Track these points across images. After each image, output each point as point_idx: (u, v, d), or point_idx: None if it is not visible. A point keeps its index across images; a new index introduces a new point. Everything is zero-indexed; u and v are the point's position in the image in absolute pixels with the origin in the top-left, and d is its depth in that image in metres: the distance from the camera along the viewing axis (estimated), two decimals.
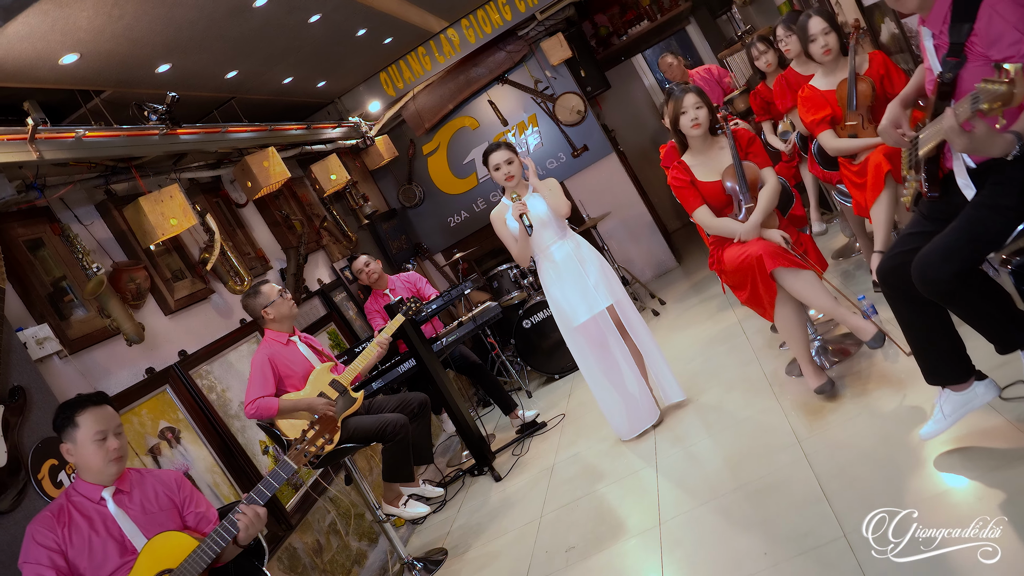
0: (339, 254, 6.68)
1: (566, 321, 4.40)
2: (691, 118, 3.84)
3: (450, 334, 5.27)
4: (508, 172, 4.33)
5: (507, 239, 4.37)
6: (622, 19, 9.25)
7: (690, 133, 3.88)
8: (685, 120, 3.86)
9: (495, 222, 4.41)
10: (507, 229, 4.36)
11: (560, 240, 4.42)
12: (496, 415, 6.43)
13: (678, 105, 3.87)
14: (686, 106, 3.86)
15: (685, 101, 3.86)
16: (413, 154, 8.03)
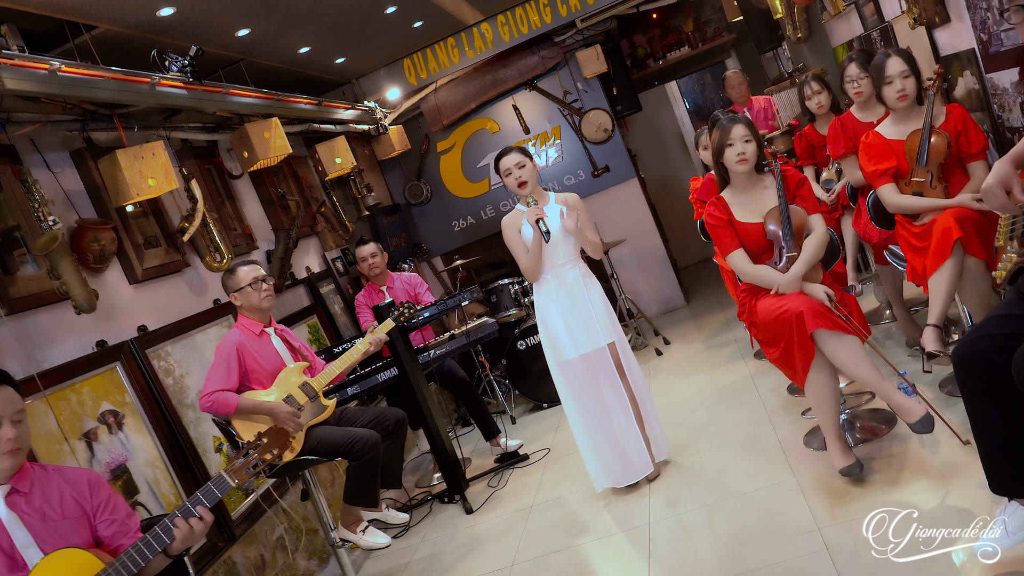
0: (333, 243, 6.26)
1: (559, 351, 3.98)
2: (738, 152, 3.44)
3: (440, 346, 4.85)
4: (520, 177, 3.92)
5: (518, 249, 3.96)
6: (662, 42, 8.89)
7: (735, 168, 3.47)
8: (731, 153, 3.46)
9: (507, 229, 3.99)
10: (519, 238, 3.95)
11: (572, 263, 4.01)
12: (475, 437, 6.00)
13: (725, 136, 3.47)
14: (734, 138, 3.46)
15: (733, 132, 3.46)
16: (426, 150, 7.62)
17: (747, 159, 3.44)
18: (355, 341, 4.63)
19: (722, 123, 3.54)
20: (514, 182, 3.91)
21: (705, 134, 5.08)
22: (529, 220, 3.82)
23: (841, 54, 5.79)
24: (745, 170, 3.46)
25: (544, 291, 4.00)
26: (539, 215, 3.80)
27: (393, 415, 3.97)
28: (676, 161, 9.63)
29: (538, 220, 3.80)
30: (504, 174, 3.93)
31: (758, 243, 3.50)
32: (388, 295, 5.44)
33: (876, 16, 4.80)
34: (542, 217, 3.81)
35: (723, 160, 3.52)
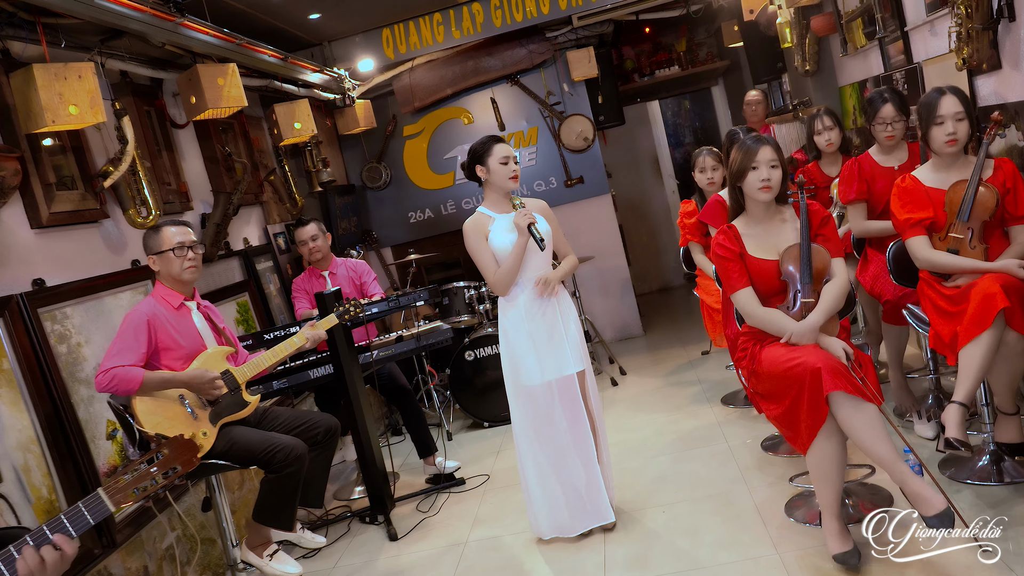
0: (278, 216, 5.65)
1: (522, 375, 3.48)
2: (762, 177, 3.01)
3: (385, 347, 4.30)
4: (516, 170, 3.44)
5: (484, 258, 3.44)
6: (651, 58, 8.52)
7: (756, 196, 3.04)
8: (754, 178, 3.02)
9: (470, 235, 3.48)
10: (484, 246, 3.44)
11: None
12: (405, 448, 5.44)
13: (749, 157, 3.04)
14: (759, 161, 3.02)
15: (760, 154, 3.03)
16: (392, 131, 7.06)
17: (771, 187, 3.02)
18: (289, 330, 4.05)
19: (746, 143, 3.10)
20: (509, 173, 3.42)
21: (704, 155, 4.67)
22: (518, 224, 3.32)
23: (848, 93, 5.47)
24: (768, 198, 3.04)
25: (514, 306, 3.49)
26: (531, 219, 3.31)
27: (325, 423, 3.41)
28: (647, 183, 9.26)
29: (530, 225, 3.30)
30: (500, 162, 3.42)
31: (770, 283, 3.07)
32: (331, 282, 4.87)
33: (904, 56, 4.45)
34: (535, 222, 3.32)
35: (742, 184, 3.08)
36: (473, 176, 3.51)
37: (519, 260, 3.36)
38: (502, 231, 3.41)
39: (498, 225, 3.44)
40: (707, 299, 4.60)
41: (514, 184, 3.43)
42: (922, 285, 3.24)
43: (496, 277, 3.42)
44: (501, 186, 3.44)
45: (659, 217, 9.29)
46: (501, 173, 3.41)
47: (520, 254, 3.35)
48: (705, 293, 4.65)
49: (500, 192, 3.47)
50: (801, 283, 3.02)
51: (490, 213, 3.49)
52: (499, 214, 3.47)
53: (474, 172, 3.49)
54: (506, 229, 3.41)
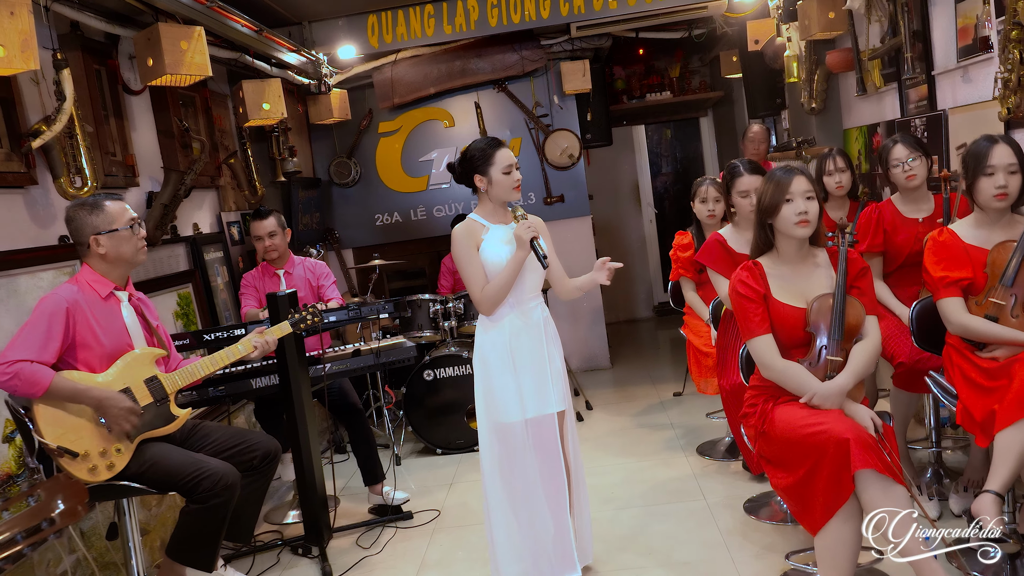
0: (234, 203, 5.16)
1: (499, 410, 3.05)
2: (799, 210, 2.66)
3: (339, 361, 3.85)
4: (519, 179, 3.03)
5: (472, 270, 3.02)
6: (643, 80, 8.21)
7: (792, 232, 2.69)
8: (789, 211, 2.67)
9: (460, 244, 3.04)
10: (475, 258, 3.01)
11: (538, 298, 3.13)
12: (348, 469, 4.97)
13: (782, 190, 2.69)
14: (794, 192, 2.67)
15: (794, 185, 2.68)
16: (367, 126, 6.61)
17: (810, 220, 2.67)
18: (234, 332, 3.58)
19: (775, 174, 2.75)
20: (512, 183, 3.00)
21: (706, 185, 4.33)
22: (520, 237, 2.90)
23: (855, 136, 5.19)
24: (805, 233, 2.69)
25: (497, 328, 3.07)
26: (535, 233, 2.90)
27: (263, 446, 2.95)
28: (625, 210, 8.94)
29: (534, 239, 2.89)
30: (503, 171, 3.00)
31: (793, 333, 2.71)
32: (285, 282, 4.40)
33: (926, 102, 4.17)
34: (538, 236, 2.91)
35: (774, 220, 2.72)
36: (465, 182, 3.09)
37: (514, 276, 2.95)
38: (496, 242, 3.00)
39: (492, 236, 3.02)
40: (695, 340, 4.23)
41: (516, 195, 3.03)
42: (950, 352, 2.91)
43: (484, 293, 2.99)
44: (503, 197, 3.03)
45: (633, 246, 8.97)
46: (504, 184, 3.00)
47: (516, 270, 2.94)
48: (693, 334, 4.29)
49: (499, 202, 3.06)
50: (830, 338, 2.66)
51: (484, 222, 3.08)
52: (494, 224, 3.06)
53: (469, 179, 3.07)
54: (501, 240, 2.99)
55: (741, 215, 3.57)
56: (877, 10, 4.31)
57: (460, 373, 5.10)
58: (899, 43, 4.20)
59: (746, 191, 3.54)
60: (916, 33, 4.14)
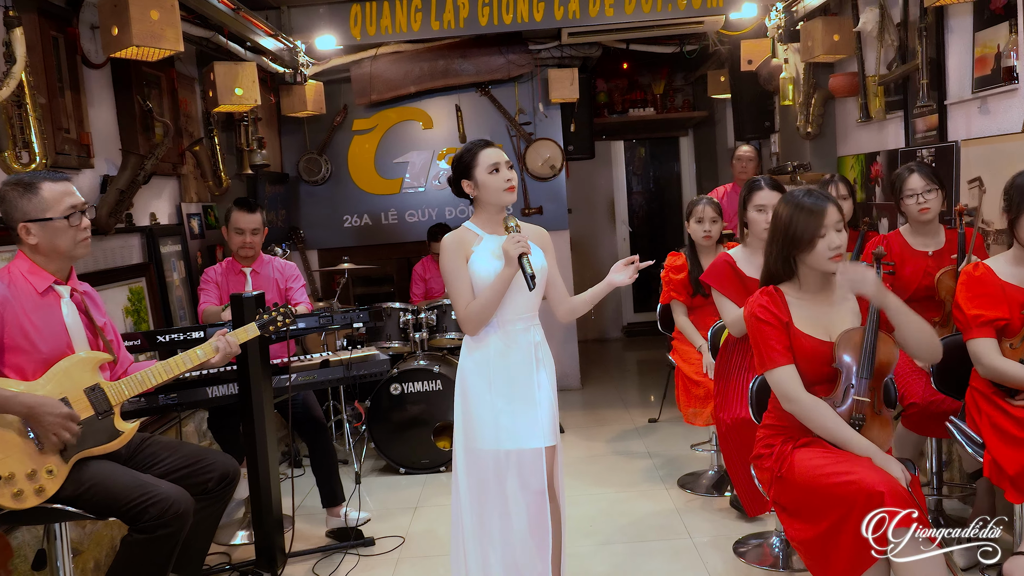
0: (195, 195, 4.80)
1: (476, 436, 2.75)
2: (833, 246, 2.44)
3: (307, 372, 3.52)
4: (510, 179, 2.74)
5: (459, 284, 2.72)
6: (625, 95, 8.02)
7: (825, 267, 2.47)
8: (824, 247, 2.44)
9: (449, 252, 2.74)
10: (464, 270, 2.72)
11: (531, 320, 2.82)
12: (304, 485, 4.63)
13: (816, 221, 2.45)
14: (828, 225, 2.46)
15: (828, 217, 2.47)
16: (341, 123, 6.29)
17: (843, 255, 2.45)
18: (191, 335, 3.24)
19: (804, 203, 2.52)
20: (501, 184, 2.70)
21: (703, 204, 4.11)
22: (507, 251, 2.60)
23: (851, 164, 5.03)
24: (833, 269, 2.46)
25: (482, 348, 2.77)
26: (525, 248, 2.61)
27: (220, 467, 2.62)
28: (599, 227, 8.73)
29: (522, 256, 2.60)
30: (488, 170, 2.71)
31: (816, 368, 2.49)
32: (252, 282, 4.06)
33: (936, 133, 4.01)
34: (528, 252, 2.62)
35: (805, 255, 2.48)
36: (461, 192, 2.81)
37: (500, 295, 2.66)
38: (487, 255, 2.71)
39: (485, 247, 2.74)
40: (685, 368, 4.00)
41: (510, 196, 2.72)
42: (976, 398, 2.71)
43: (468, 310, 2.70)
44: (494, 201, 2.74)
45: (605, 264, 8.73)
46: (492, 185, 2.71)
47: (502, 288, 2.65)
48: (683, 360, 4.05)
49: (493, 209, 2.76)
50: (858, 377, 2.44)
51: (478, 231, 2.79)
52: (489, 234, 2.77)
53: (460, 188, 2.79)
54: (492, 253, 2.71)
55: (754, 232, 3.33)
56: (889, 34, 4.14)
57: (429, 388, 4.81)
58: (912, 68, 4.03)
59: (763, 205, 3.30)
60: (930, 61, 3.98)
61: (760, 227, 3.28)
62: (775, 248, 2.58)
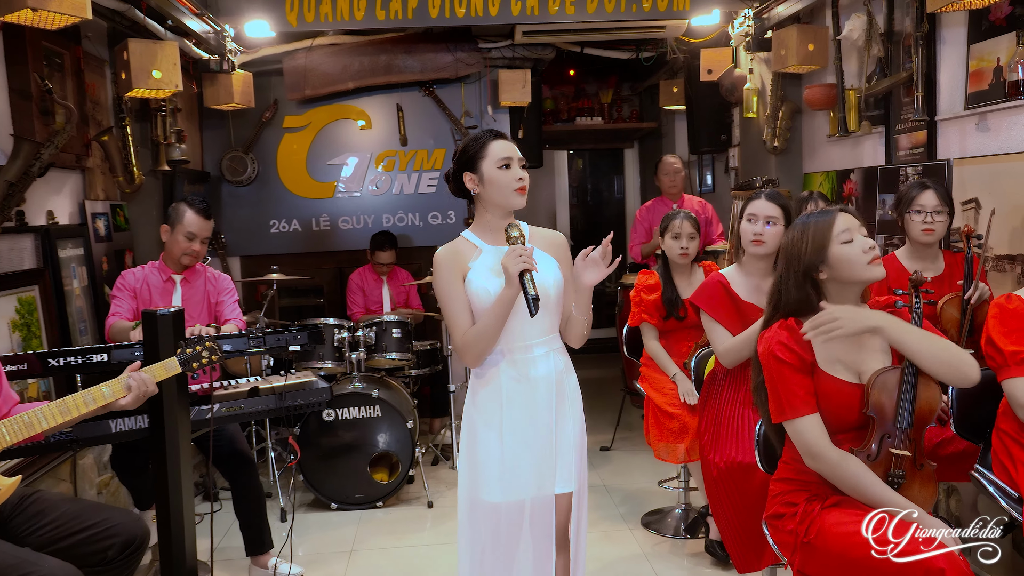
0: (103, 191, 4.21)
1: (483, 487, 2.30)
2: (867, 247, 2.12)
3: (232, 402, 3.00)
4: (522, 178, 2.29)
5: (454, 307, 2.27)
6: (572, 103, 7.69)
7: (862, 274, 2.16)
8: (853, 252, 2.11)
9: (442, 269, 2.29)
10: (459, 288, 2.27)
11: (547, 344, 2.34)
12: (225, 518, 4.07)
13: (828, 222, 2.15)
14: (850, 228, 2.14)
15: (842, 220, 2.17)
16: (270, 119, 5.75)
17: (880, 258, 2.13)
18: (93, 358, 2.69)
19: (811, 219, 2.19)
20: (512, 183, 2.26)
21: (681, 219, 3.77)
22: (507, 268, 2.15)
23: (819, 182, 4.78)
24: (880, 275, 2.15)
25: (490, 386, 2.31)
26: (528, 264, 2.16)
27: (124, 530, 2.12)
28: None
29: (524, 273, 2.15)
30: (498, 164, 2.27)
31: (844, 415, 2.14)
32: (181, 292, 3.51)
33: (923, 150, 3.77)
34: (532, 269, 2.18)
35: (825, 271, 2.15)
36: (461, 191, 2.37)
37: (501, 320, 2.22)
38: (486, 271, 2.27)
39: (483, 262, 2.30)
40: (657, 398, 3.63)
41: (519, 200, 2.29)
42: (1007, 443, 2.40)
43: (465, 339, 2.25)
44: (501, 203, 2.29)
45: None
46: (501, 182, 2.27)
47: (503, 313, 2.21)
48: (655, 390, 3.68)
49: (498, 213, 2.32)
50: (894, 425, 2.10)
51: (476, 241, 2.35)
52: (490, 245, 2.34)
53: (461, 184, 2.35)
54: (492, 269, 2.27)
55: (743, 244, 2.99)
56: (876, 44, 3.89)
57: (366, 414, 4.33)
58: (901, 81, 3.79)
59: (754, 215, 2.96)
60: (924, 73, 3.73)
61: (748, 238, 2.95)
62: (789, 273, 2.24)
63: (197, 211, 3.49)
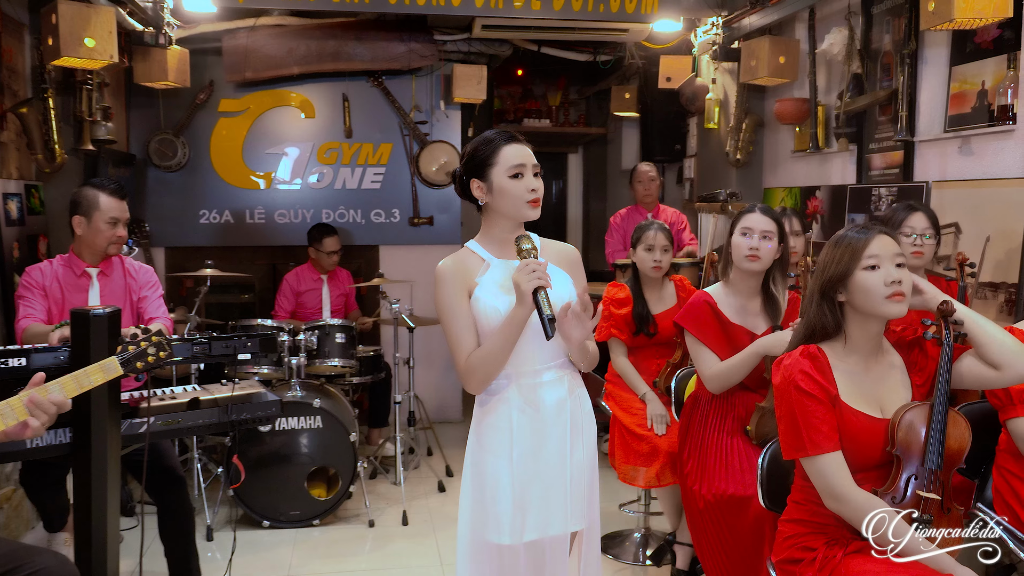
0: (16, 170, 3.78)
1: (487, 527, 2.05)
2: (892, 279, 1.96)
3: (171, 415, 2.66)
4: (535, 189, 2.04)
5: (457, 326, 2.02)
6: (519, 103, 7.48)
7: (878, 308, 1.97)
8: (878, 280, 1.95)
9: (446, 284, 2.04)
10: (464, 305, 2.02)
11: (557, 369, 2.10)
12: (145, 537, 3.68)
13: (859, 246, 1.99)
14: (880, 256, 1.99)
15: (876, 244, 2.01)
16: (205, 101, 5.34)
17: (905, 295, 1.97)
18: (11, 361, 2.32)
19: (849, 234, 2.03)
20: (525, 194, 2.02)
21: (655, 231, 3.58)
22: (519, 285, 1.91)
23: (781, 198, 4.70)
24: (900, 312, 1.99)
25: (494, 417, 2.05)
26: (542, 281, 1.91)
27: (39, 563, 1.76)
28: None
29: (538, 290, 1.90)
30: (510, 173, 2.02)
31: (866, 452, 1.98)
32: (99, 287, 3.13)
33: (900, 171, 3.69)
34: (546, 285, 1.92)
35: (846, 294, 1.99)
36: (466, 194, 2.12)
37: (511, 343, 1.96)
38: (495, 287, 2.02)
39: (493, 276, 2.04)
40: (625, 418, 3.43)
41: (532, 212, 2.04)
42: (1012, 483, 2.29)
43: (469, 362, 1.99)
44: (511, 214, 2.05)
45: None
46: (512, 193, 2.02)
47: (514, 334, 1.95)
48: (622, 409, 3.49)
49: (508, 225, 2.07)
50: (922, 465, 1.94)
51: (484, 254, 2.09)
52: (499, 258, 2.08)
53: (468, 189, 2.10)
54: (501, 286, 2.02)
55: (736, 259, 2.79)
56: (855, 60, 3.80)
57: (306, 425, 4.01)
58: (877, 99, 3.71)
59: (750, 228, 2.77)
60: (895, 93, 3.67)
61: (742, 253, 2.77)
62: (813, 291, 2.07)
63: (111, 192, 3.09)
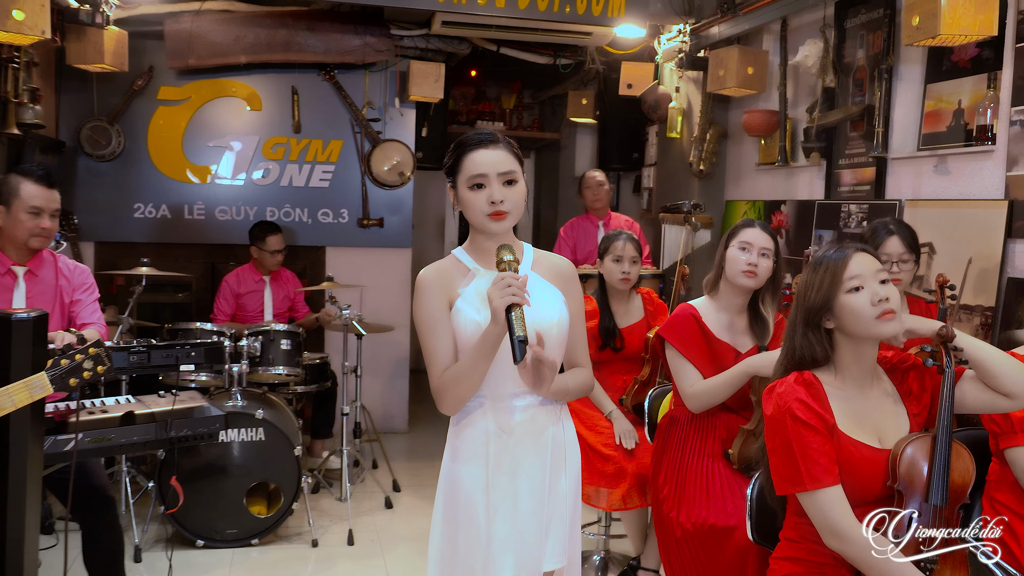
0: None
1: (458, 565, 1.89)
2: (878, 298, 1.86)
3: (99, 431, 2.40)
4: (501, 202, 1.83)
5: (434, 340, 1.85)
6: (472, 105, 7.30)
7: (870, 329, 1.87)
8: (865, 300, 1.84)
9: (426, 293, 1.87)
10: (443, 317, 1.85)
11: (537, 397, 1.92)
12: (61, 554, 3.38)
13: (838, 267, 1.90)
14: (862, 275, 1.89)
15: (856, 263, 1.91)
16: (143, 87, 5.02)
17: (896, 312, 1.86)
18: None
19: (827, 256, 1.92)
20: (484, 207, 1.82)
21: (624, 241, 3.43)
22: (493, 301, 1.72)
23: (742, 210, 4.62)
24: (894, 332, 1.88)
25: (472, 441, 1.89)
26: (518, 298, 1.71)
27: None
28: (426, 249, 7.89)
29: (512, 308, 1.70)
30: (468, 184, 1.84)
31: (865, 485, 1.86)
32: (25, 286, 2.83)
33: (871, 188, 3.63)
34: (521, 303, 1.72)
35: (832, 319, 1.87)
36: None
37: (485, 362, 1.78)
38: (476, 299, 1.83)
39: (477, 287, 1.85)
40: (589, 436, 3.27)
41: (494, 225, 1.84)
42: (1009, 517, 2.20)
43: (442, 380, 1.82)
44: (475, 225, 1.88)
45: None
46: (472, 206, 1.84)
47: (488, 354, 1.77)
48: (586, 427, 3.32)
49: (483, 233, 1.90)
50: (926, 500, 1.83)
51: (470, 263, 1.90)
52: (486, 268, 1.89)
53: None
54: (480, 298, 1.83)
55: (729, 274, 2.64)
56: (828, 73, 3.73)
57: (247, 437, 3.75)
58: (851, 114, 3.64)
59: (748, 243, 2.63)
60: (868, 109, 3.61)
61: (738, 267, 2.63)
62: (796, 320, 1.95)
63: (37, 179, 2.79)
